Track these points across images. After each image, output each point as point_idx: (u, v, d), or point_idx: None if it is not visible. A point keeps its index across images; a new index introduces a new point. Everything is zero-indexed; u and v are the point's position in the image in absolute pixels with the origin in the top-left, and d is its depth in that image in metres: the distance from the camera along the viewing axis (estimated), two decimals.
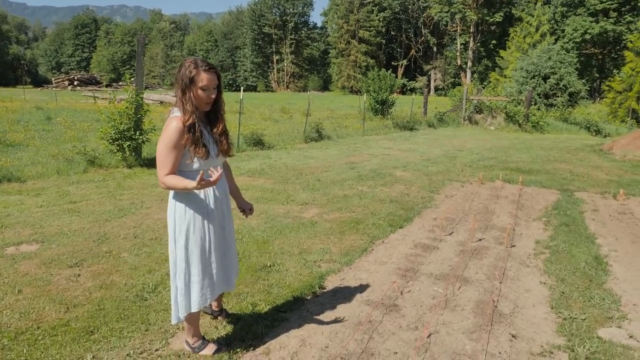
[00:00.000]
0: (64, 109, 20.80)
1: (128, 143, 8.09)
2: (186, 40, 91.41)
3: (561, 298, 3.53)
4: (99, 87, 49.11)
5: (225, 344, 2.77)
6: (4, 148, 9.59)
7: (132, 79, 8.38)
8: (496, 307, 3.35)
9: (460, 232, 5.17)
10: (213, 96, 2.37)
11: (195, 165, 2.39)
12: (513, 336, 2.97)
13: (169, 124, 2.33)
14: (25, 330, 2.88)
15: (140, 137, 8.21)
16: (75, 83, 54.45)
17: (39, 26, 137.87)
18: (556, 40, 42.35)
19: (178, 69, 2.36)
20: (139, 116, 8.26)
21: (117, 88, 45.14)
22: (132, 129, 8.11)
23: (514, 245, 4.75)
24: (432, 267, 4.09)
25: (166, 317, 3.08)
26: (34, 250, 4.24)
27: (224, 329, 2.97)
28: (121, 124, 8.03)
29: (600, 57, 49.52)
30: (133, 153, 8.29)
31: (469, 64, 61.36)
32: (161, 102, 25.87)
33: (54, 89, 49.20)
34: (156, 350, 2.73)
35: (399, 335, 2.94)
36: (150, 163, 8.56)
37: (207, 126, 2.49)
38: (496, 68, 47.29)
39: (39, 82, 73.55)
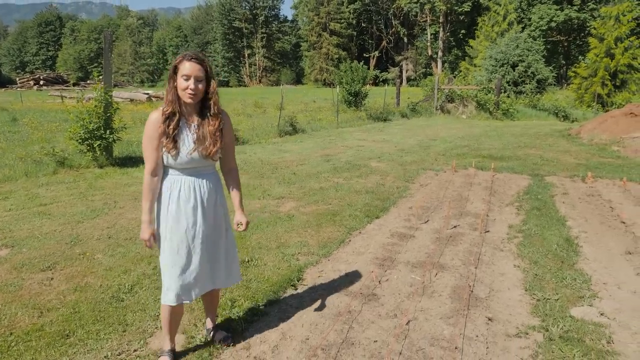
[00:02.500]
0: (30, 109, 20.17)
1: (98, 142, 7.90)
2: (155, 36, 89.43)
3: (534, 280, 3.63)
4: (66, 86, 47.61)
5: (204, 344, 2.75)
6: None
7: (101, 77, 8.17)
8: (472, 291, 3.42)
9: (436, 219, 5.25)
10: (192, 86, 2.28)
11: (167, 160, 2.35)
12: (489, 319, 3.04)
13: (150, 115, 2.34)
14: None
15: (111, 136, 8.03)
16: (41, 83, 52.72)
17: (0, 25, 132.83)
18: (523, 28, 43.04)
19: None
20: (108, 115, 8.07)
21: (85, 87, 43.97)
22: (102, 128, 7.93)
23: (488, 231, 4.84)
24: (409, 256, 4.14)
25: (144, 317, 3.04)
26: (4, 255, 4.12)
27: (203, 326, 2.95)
28: (90, 123, 7.83)
29: (565, 44, 50.71)
30: (104, 152, 8.11)
31: (440, 53, 61.95)
32: (131, 100, 25.34)
33: (18, 89, 47.46)
34: (134, 350, 2.69)
35: (378, 324, 2.97)
36: (123, 162, 8.39)
37: (192, 123, 2.39)
38: (466, 57, 47.81)
39: (3, 82, 70.72)
